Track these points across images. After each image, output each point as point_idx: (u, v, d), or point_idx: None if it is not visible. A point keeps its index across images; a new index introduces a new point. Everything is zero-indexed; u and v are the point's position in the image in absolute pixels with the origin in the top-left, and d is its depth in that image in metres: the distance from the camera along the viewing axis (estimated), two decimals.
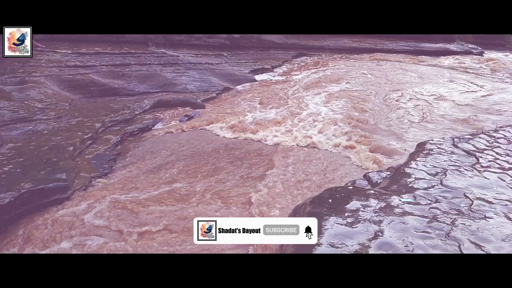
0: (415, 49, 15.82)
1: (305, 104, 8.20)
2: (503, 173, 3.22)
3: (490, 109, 7.65)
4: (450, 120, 7.10)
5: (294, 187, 4.87)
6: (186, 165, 5.53)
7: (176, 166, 5.48)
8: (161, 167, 5.46)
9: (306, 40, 14.21)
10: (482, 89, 9.39)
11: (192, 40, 11.30)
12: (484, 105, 7.97)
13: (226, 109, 7.89)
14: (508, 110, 7.50)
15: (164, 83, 8.74)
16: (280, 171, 5.32)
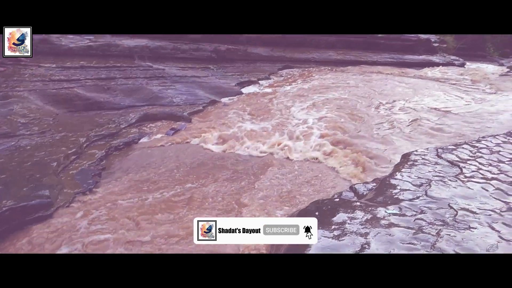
0: (398, 61, 16.09)
1: (292, 116, 8.24)
2: (486, 183, 3.25)
3: (471, 120, 7.78)
4: (433, 131, 7.20)
5: (282, 199, 4.87)
6: (173, 178, 5.49)
7: (162, 180, 5.43)
8: (148, 180, 5.41)
9: (292, 52, 14.35)
10: (464, 100, 9.56)
11: (178, 53, 11.32)
12: (466, 115, 8.11)
13: (213, 122, 7.88)
14: (489, 120, 7.64)
15: (150, 97, 8.70)
16: (268, 183, 5.32)
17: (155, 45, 10.98)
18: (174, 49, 11.31)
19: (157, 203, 4.77)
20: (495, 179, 3.37)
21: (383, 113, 8.46)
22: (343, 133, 7.15)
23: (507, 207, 2.81)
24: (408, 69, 15.25)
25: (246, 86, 11.03)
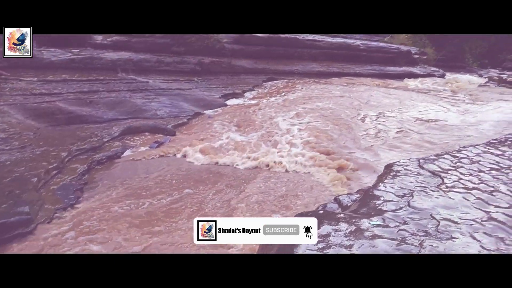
0: (380, 73, 16.34)
1: (277, 127, 8.28)
2: (467, 193, 3.31)
3: (452, 130, 7.93)
4: (416, 141, 7.31)
5: (268, 212, 4.86)
6: (157, 192, 5.43)
7: (146, 194, 5.37)
8: (131, 195, 5.34)
9: (276, 65, 14.45)
10: (444, 110, 9.75)
11: (162, 66, 11.29)
12: (446, 126, 8.26)
13: (197, 134, 7.86)
14: (469, 130, 7.79)
15: (133, 110, 8.64)
16: (254, 195, 5.30)
17: (139, 58, 10.95)
18: (158, 61, 11.29)
19: (141, 216, 4.70)
20: (475, 188, 3.43)
21: (367, 123, 8.57)
22: (328, 143, 7.20)
23: (488, 216, 2.86)
24: (390, 80, 15.51)
25: (231, 98, 11.05)
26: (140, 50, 11.30)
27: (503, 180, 3.67)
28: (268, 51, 14.39)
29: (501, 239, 2.50)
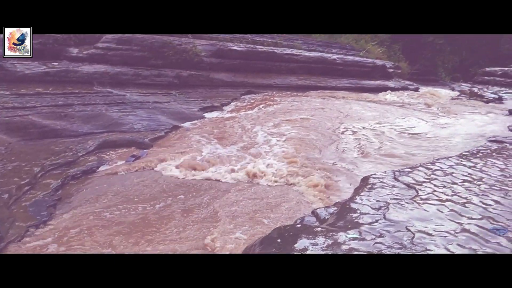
0: (357, 86, 16.64)
1: (256, 139, 8.29)
2: (441, 205, 3.37)
3: (426, 142, 8.11)
4: (391, 154, 7.44)
5: (246, 225, 4.83)
6: (133, 207, 5.33)
7: (122, 209, 5.27)
8: (106, 210, 5.23)
9: (255, 78, 14.54)
10: (418, 123, 9.98)
11: (140, 79, 11.21)
12: (421, 138, 8.45)
13: (175, 148, 7.79)
14: (442, 143, 7.99)
15: (109, 123, 8.51)
16: (232, 209, 5.28)
17: (116, 71, 10.83)
18: (135, 75, 11.20)
19: (118, 232, 4.60)
20: (449, 200, 3.50)
21: (346, 135, 8.67)
22: (307, 155, 7.25)
23: (461, 228, 2.91)
24: (366, 93, 15.81)
25: (209, 111, 11.02)
26: (117, 63, 11.19)
27: (475, 191, 3.76)
28: (246, 65, 14.48)
29: (474, 250, 2.55)
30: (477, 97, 15.22)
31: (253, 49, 14.96)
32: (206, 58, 13.25)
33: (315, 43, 19.46)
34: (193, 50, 12.78)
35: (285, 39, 17.96)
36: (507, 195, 3.71)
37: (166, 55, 12.12)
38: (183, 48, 12.55)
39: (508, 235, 2.82)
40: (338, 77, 16.88)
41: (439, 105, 13.52)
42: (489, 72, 22.28)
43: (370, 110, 11.73)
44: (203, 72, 12.97)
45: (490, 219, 3.11)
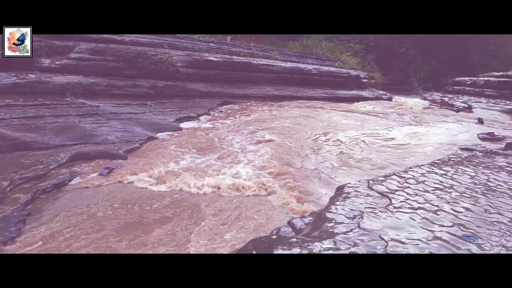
0: (332, 96, 16.90)
1: (233, 149, 8.26)
2: (413, 213, 3.42)
3: (399, 151, 8.26)
4: (365, 163, 7.53)
5: (221, 237, 4.78)
6: (107, 221, 5.20)
7: (95, 224, 5.13)
8: (78, 225, 5.08)
9: (231, 88, 14.57)
10: (392, 132, 10.17)
11: (114, 89, 11.03)
12: (394, 147, 8.60)
13: (150, 159, 7.67)
14: (415, 151, 8.15)
15: (82, 135, 8.32)
16: (209, 220, 5.22)
17: (89, 82, 10.64)
18: (109, 85, 11.02)
19: (89, 249, 4.47)
20: (421, 208, 3.56)
21: (321, 144, 8.74)
22: (283, 164, 7.26)
23: (433, 236, 2.96)
24: (341, 103, 16.06)
25: (185, 122, 10.93)
26: (90, 73, 11.00)
27: (446, 199, 3.84)
28: (223, 75, 14.51)
29: None
30: (447, 106, 15.66)
31: (229, 60, 15.00)
32: (182, 68, 13.20)
33: (291, 54, 19.71)
34: (168, 61, 12.71)
35: (261, 49, 18.11)
36: (477, 202, 3.80)
37: (141, 65, 12.01)
38: (158, 59, 12.47)
39: (478, 241, 2.87)
40: (313, 87, 17.12)
41: (411, 114, 13.83)
42: (459, 82, 23.00)
43: (345, 120, 11.90)
44: (179, 83, 12.89)
45: (461, 226, 3.17)
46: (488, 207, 3.70)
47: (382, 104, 16.71)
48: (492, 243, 2.88)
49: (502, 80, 18.45)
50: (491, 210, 3.62)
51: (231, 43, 17.66)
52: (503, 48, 30.73)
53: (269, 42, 20.92)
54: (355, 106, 15.70)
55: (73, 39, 11.09)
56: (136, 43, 12.70)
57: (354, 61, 23.08)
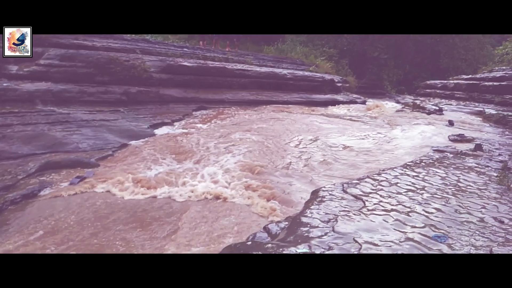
0: (307, 100, 17.02)
1: (209, 155, 8.18)
2: (387, 215, 3.46)
3: (372, 153, 8.37)
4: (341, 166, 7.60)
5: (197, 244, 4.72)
6: (79, 232, 5.06)
7: (66, 235, 4.98)
8: (48, 236, 4.92)
9: (206, 93, 14.47)
10: (365, 135, 10.31)
11: (85, 96, 10.78)
12: (367, 149, 8.71)
13: (124, 167, 7.52)
14: (388, 153, 8.28)
15: (52, 143, 8.08)
16: (184, 227, 5.15)
17: (59, 89, 10.35)
18: (80, 92, 10.76)
19: None
20: (394, 210, 3.60)
21: (297, 148, 8.78)
22: (259, 169, 7.24)
23: (405, 237, 2.99)
24: (316, 107, 16.20)
25: (160, 128, 10.77)
26: (60, 80, 10.71)
27: (418, 200, 3.90)
28: (197, 80, 14.40)
29: None
30: (419, 109, 15.98)
31: (204, 65, 14.92)
32: (155, 74, 13.03)
33: (266, 58, 19.78)
34: (141, 66, 12.53)
35: (236, 54, 18.11)
36: (447, 203, 3.88)
37: (113, 71, 11.78)
38: (131, 64, 12.28)
39: (449, 241, 2.92)
40: (289, 91, 17.20)
41: (384, 117, 14.07)
42: (430, 85, 23.55)
43: (319, 123, 12.00)
44: (152, 88, 12.71)
45: (432, 226, 3.22)
46: (458, 207, 3.78)
47: (356, 108, 16.95)
48: (462, 242, 2.93)
49: (471, 83, 19.01)
50: (461, 210, 3.70)
51: (205, 48, 17.59)
52: (471, 52, 31.70)
53: (244, 46, 20.93)
54: (329, 110, 15.87)
55: (42, 44, 10.77)
56: (107, 48, 12.46)
57: (328, 65, 23.35)
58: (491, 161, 6.29)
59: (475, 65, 28.22)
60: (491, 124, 12.50)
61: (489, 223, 3.44)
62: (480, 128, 11.66)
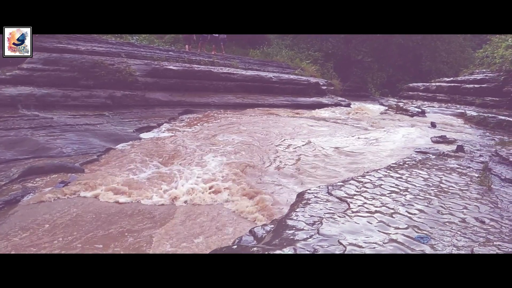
0: (293, 103, 17.14)
1: (193, 158, 8.16)
2: (371, 217, 3.50)
3: (357, 155, 8.46)
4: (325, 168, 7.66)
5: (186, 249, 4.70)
6: (63, 238, 4.99)
7: (50, 241, 4.91)
8: (32, 244, 4.84)
9: (192, 97, 14.46)
10: (349, 137, 10.42)
11: (69, 100, 10.67)
12: (351, 151, 8.80)
13: (108, 171, 7.45)
14: (372, 155, 8.37)
15: (36, 148, 7.97)
16: (171, 232, 5.12)
17: (42, 93, 10.23)
18: (64, 96, 10.64)
19: None
20: (378, 212, 3.65)
21: (283, 151, 8.81)
22: (245, 172, 7.25)
23: (389, 238, 3.04)
24: (302, 110, 16.31)
25: (145, 132, 10.72)
26: (43, 84, 10.59)
27: (401, 202, 3.96)
28: (183, 84, 14.39)
29: None
30: (402, 111, 16.23)
31: (190, 68, 14.91)
32: (140, 77, 12.97)
33: (252, 62, 19.84)
34: (126, 70, 12.45)
35: (222, 58, 18.13)
36: (430, 204, 3.95)
37: (97, 75, 11.69)
38: (116, 68, 12.20)
39: (431, 242, 2.98)
40: (275, 94, 17.29)
41: (368, 120, 14.23)
42: (413, 88, 23.95)
43: (304, 126, 12.07)
44: (137, 92, 12.65)
45: (415, 228, 3.28)
46: (440, 208, 3.86)
47: (341, 110, 17.11)
48: (444, 243, 2.99)
49: (452, 85, 19.38)
50: (443, 211, 3.77)
51: (191, 52, 17.56)
52: (453, 55, 32.35)
53: (230, 50, 20.96)
54: (315, 113, 15.98)
55: None
56: (92, 52, 12.36)
57: (313, 68, 23.54)
58: (472, 162, 6.42)
59: (457, 67, 28.81)
60: (472, 126, 12.77)
61: (470, 223, 3.52)
62: (461, 130, 11.89)
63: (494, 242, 3.12)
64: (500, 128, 11.68)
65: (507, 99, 15.11)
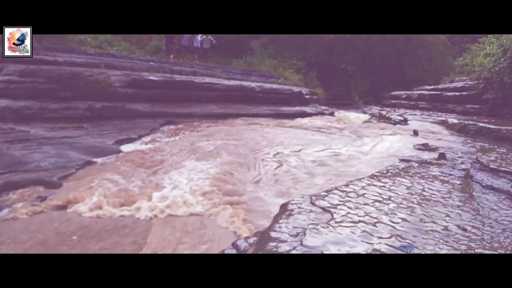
0: (276, 113, 17.15)
1: (175, 169, 8.03)
2: (354, 226, 3.45)
3: (340, 164, 8.45)
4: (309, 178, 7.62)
5: None
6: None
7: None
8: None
9: (174, 108, 14.32)
10: (333, 146, 10.43)
11: (46, 112, 10.43)
12: (334, 161, 8.79)
13: (87, 185, 7.24)
14: (354, 164, 8.38)
15: (11, 163, 7.72)
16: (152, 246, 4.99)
17: (19, 106, 9.98)
18: (42, 108, 10.40)
19: None
20: (361, 221, 3.60)
21: (266, 161, 8.74)
22: (228, 182, 7.16)
23: (372, 248, 2.98)
24: (285, 119, 16.32)
25: (126, 144, 10.50)
26: (20, 96, 10.34)
27: (384, 211, 3.92)
28: (164, 94, 14.25)
29: None
30: (385, 119, 16.40)
31: (171, 79, 14.80)
32: (120, 88, 12.79)
33: (235, 72, 19.85)
34: (106, 81, 12.27)
35: (204, 67, 18.09)
36: (413, 212, 3.92)
37: (76, 86, 11.48)
38: (95, 79, 12.00)
39: (414, 251, 2.93)
40: (258, 104, 17.28)
41: (351, 128, 14.30)
42: (395, 96, 24.29)
43: (287, 135, 12.06)
44: (118, 103, 12.46)
45: (398, 237, 3.23)
46: (423, 216, 3.83)
47: (324, 119, 17.18)
48: (427, 252, 2.95)
49: (434, 93, 19.71)
50: (426, 219, 3.74)
51: (173, 62, 17.47)
52: (434, 63, 33.01)
53: (213, 59, 20.94)
54: (298, 122, 16.01)
55: (0, 60, 10.40)
56: (70, 63, 12.16)
57: (297, 77, 23.68)
58: (454, 169, 6.46)
59: (438, 75, 29.36)
60: (454, 133, 12.94)
61: (452, 231, 3.49)
62: (443, 137, 12.03)
63: (476, 249, 3.09)
64: (481, 135, 11.86)
65: (487, 106, 15.41)
